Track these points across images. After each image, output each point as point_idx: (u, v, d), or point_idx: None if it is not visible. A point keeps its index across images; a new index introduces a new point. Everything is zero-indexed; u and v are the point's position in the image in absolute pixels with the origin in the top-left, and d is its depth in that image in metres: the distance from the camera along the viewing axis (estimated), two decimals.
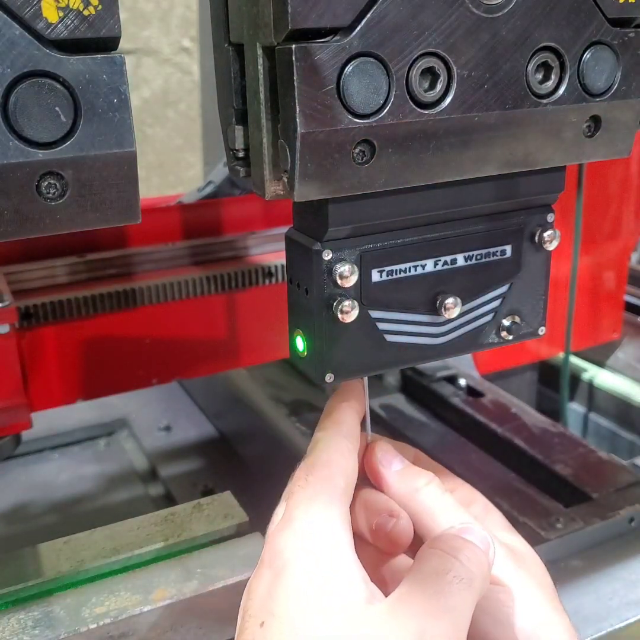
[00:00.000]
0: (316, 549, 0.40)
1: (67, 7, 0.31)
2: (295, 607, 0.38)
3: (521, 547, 0.50)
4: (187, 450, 1.04)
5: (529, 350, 1.05)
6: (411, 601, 0.38)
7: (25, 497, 0.95)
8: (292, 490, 0.44)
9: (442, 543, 0.42)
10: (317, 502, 0.42)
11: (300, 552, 0.40)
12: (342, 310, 0.43)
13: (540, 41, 0.40)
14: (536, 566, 0.48)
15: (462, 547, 0.41)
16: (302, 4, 0.34)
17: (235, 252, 0.87)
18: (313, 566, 0.40)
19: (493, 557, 0.43)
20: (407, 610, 0.38)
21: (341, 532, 0.41)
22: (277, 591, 0.39)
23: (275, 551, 0.41)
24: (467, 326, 0.49)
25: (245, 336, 0.85)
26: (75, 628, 0.51)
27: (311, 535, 0.41)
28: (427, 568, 0.40)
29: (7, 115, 0.32)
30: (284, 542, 0.41)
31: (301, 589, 0.39)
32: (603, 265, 1.05)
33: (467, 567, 0.40)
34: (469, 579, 0.40)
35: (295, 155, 0.37)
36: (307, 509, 0.42)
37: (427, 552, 0.42)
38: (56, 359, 0.75)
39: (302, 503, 0.42)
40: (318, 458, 0.45)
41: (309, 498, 0.42)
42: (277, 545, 0.41)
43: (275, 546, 0.41)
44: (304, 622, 0.38)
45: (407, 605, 0.38)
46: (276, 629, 0.38)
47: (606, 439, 1.10)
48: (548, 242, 0.49)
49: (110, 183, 0.35)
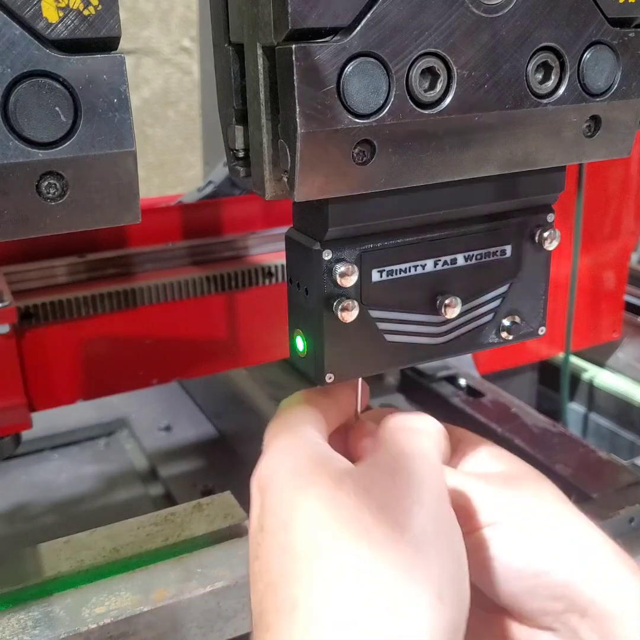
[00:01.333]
0: (292, 457, 0.42)
1: (67, 7, 0.31)
2: (282, 497, 0.40)
3: (514, 469, 0.48)
4: (187, 450, 1.04)
5: (529, 350, 1.05)
6: (380, 459, 0.41)
7: (25, 497, 0.95)
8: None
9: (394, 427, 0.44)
10: (289, 428, 0.44)
11: (279, 466, 0.41)
12: (342, 310, 0.43)
13: (540, 41, 0.40)
14: (533, 486, 0.46)
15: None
16: (302, 4, 0.34)
17: (235, 252, 0.87)
18: (292, 467, 0.41)
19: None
20: (378, 467, 0.40)
21: (313, 433, 0.43)
22: (267, 501, 0.41)
23: (258, 478, 0.42)
24: (467, 326, 0.49)
25: (245, 336, 0.85)
26: (75, 628, 0.51)
27: (286, 448, 0.42)
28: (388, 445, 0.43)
29: (7, 115, 0.32)
30: (263, 467, 0.42)
31: (287, 480, 0.40)
32: (603, 265, 1.05)
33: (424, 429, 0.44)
34: (427, 434, 0.44)
35: (295, 155, 0.37)
36: (278, 437, 0.43)
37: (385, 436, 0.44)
38: (56, 359, 0.75)
39: (275, 435, 0.44)
40: (296, 402, 0.47)
41: (280, 430, 0.44)
42: (259, 473, 0.42)
43: (258, 474, 0.42)
44: (294, 496, 0.39)
45: (377, 462, 0.41)
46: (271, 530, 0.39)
47: (606, 439, 1.10)
48: (548, 242, 0.49)
49: (110, 183, 0.35)
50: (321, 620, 0.34)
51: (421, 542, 0.36)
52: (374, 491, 0.38)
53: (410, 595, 0.34)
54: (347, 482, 0.39)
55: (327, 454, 0.42)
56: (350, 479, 0.39)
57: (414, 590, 0.35)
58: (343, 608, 0.34)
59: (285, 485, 0.40)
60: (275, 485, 0.41)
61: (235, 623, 0.56)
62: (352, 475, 0.40)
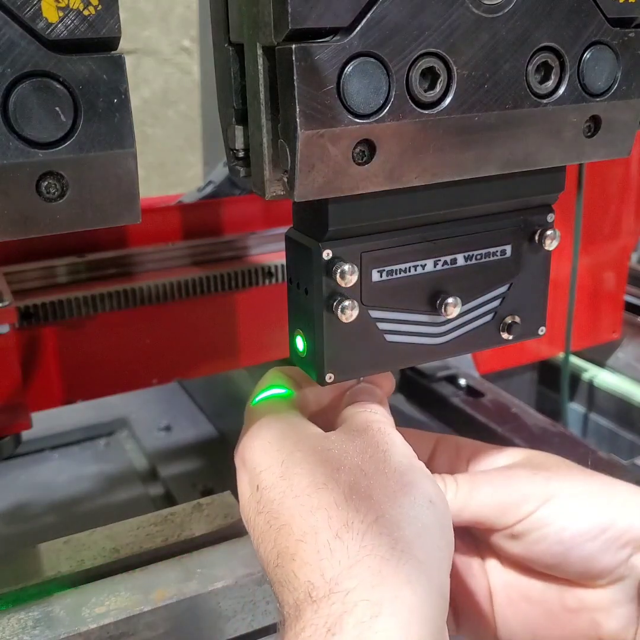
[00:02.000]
0: (273, 427, 0.46)
1: (67, 7, 0.31)
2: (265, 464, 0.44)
3: (520, 456, 0.52)
4: (187, 450, 1.04)
5: (529, 350, 1.05)
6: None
7: (25, 497, 0.95)
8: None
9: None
10: (267, 404, 0.49)
11: (261, 435, 0.46)
12: (342, 310, 0.43)
13: (540, 41, 0.40)
14: (552, 461, 0.51)
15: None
16: (302, 4, 0.34)
17: (235, 252, 0.87)
18: (275, 434, 0.46)
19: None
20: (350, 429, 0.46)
21: (291, 412, 0.48)
22: (255, 464, 0.45)
23: (241, 451, 0.47)
24: (467, 326, 0.49)
25: (245, 336, 0.85)
26: (75, 628, 0.51)
27: (266, 422, 0.47)
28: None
29: (7, 115, 0.32)
30: (245, 441, 0.47)
31: (273, 443, 0.45)
32: (603, 265, 1.05)
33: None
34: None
35: (295, 155, 0.37)
36: (256, 414, 0.48)
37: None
38: (56, 359, 0.75)
39: (253, 412, 0.49)
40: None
41: (258, 407, 0.49)
42: (241, 447, 0.47)
43: (240, 448, 0.47)
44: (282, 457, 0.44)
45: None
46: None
47: (606, 439, 1.10)
48: (548, 242, 0.49)
49: (110, 183, 0.35)
50: (342, 536, 0.38)
51: (401, 470, 0.42)
52: (355, 441, 0.44)
53: (402, 505, 0.40)
54: (331, 436, 0.45)
55: (305, 422, 0.47)
56: (334, 435, 0.45)
57: (403, 518, 0.40)
58: (357, 523, 0.39)
59: (273, 446, 0.45)
60: (262, 448, 0.45)
61: (235, 623, 0.56)
62: (334, 433, 0.46)
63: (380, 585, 0.36)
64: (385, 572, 0.36)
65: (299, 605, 0.37)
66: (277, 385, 0.51)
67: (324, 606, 0.36)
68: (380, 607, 0.35)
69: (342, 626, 0.35)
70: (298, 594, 0.38)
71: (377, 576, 0.36)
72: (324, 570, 0.37)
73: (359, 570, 0.37)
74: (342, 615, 0.35)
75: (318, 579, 0.37)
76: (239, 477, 0.46)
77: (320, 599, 0.36)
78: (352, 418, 0.47)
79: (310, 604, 0.37)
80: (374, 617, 0.35)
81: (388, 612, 0.35)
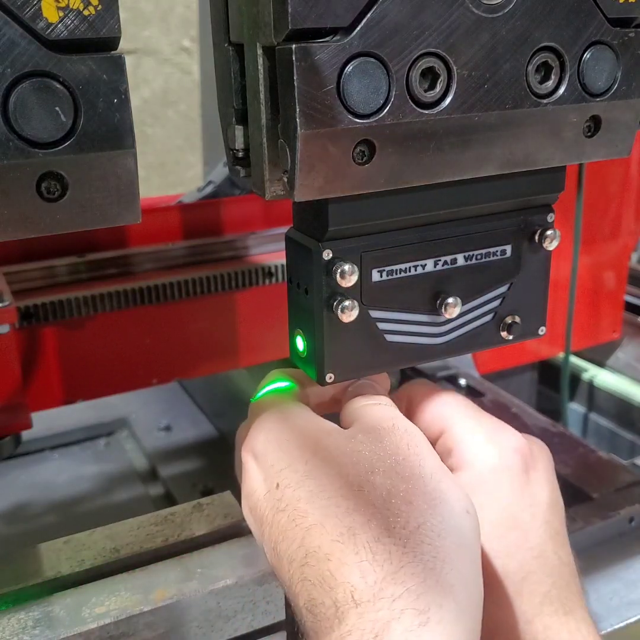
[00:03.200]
0: (284, 422, 0.45)
1: (67, 7, 0.31)
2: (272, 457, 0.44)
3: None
4: (187, 450, 1.04)
5: (529, 350, 1.05)
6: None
7: (25, 497, 0.95)
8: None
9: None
10: (273, 399, 0.49)
11: (273, 429, 0.45)
12: (342, 310, 0.43)
13: (540, 41, 0.40)
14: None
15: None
16: (302, 4, 0.34)
17: (235, 252, 0.87)
18: (288, 428, 0.45)
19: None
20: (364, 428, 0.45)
21: (295, 405, 0.47)
22: (271, 461, 0.44)
23: (252, 446, 0.45)
24: (467, 326, 0.49)
25: (245, 336, 0.85)
26: (75, 628, 0.51)
27: (275, 416, 0.46)
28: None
29: (7, 116, 0.32)
30: (254, 436, 0.46)
31: (290, 439, 0.44)
32: (603, 265, 1.05)
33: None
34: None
35: (295, 155, 0.37)
36: (263, 408, 0.47)
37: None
38: (56, 359, 0.75)
39: (260, 407, 0.48)
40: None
41: (264, 402, 0.48)
42: (252, 442, 0.46)
43: (250, 443, 0.46)
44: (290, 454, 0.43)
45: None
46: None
47: (606, 439, 1.10)
48: (548, 242, 0.49)
49: (110, 183, 0.35)
50: (383, 540, 0.38)
51: (437, 476, 0.41)
52: (384, 441, 0.43)
53: (442, 514, 0.40)
54: (357, 434, 0.44)
55: (317, 416, 0.46)
56: (360, 433, 0.44)
57: (445, 527, 0.39)
58: (399, 529, 0.38)
59: (291, 444, 0.43)
60: (278, 446, 0.44)
61: (235, 623, 0.56)
62: (359, 430, 0.44)
63: (425, 594, 0.36)
64: (429, 582, 0.36)
65: (340, 607, 0.37)
66: (280, 379, 0.51)
67: (369, 611, 0.36)
68: (427, 615, 0.35)
69: (389, 633, 0.35)
70: (336, 594, 0.37)
71: (422, 585, 0.36)
72: (364, 573, 0.37)
73: (404, 577, 0.36)
74: (390, 622, 0.35)
75: (359, 581, 0.37)
76: (249, 473, 0.45)
77: (365, 603, 0.36)
78: (366, 412, 0.46)
79: (354, 607, 0.36)
80: (422, 626, 0.35)
81: (435, 621, 0.35)
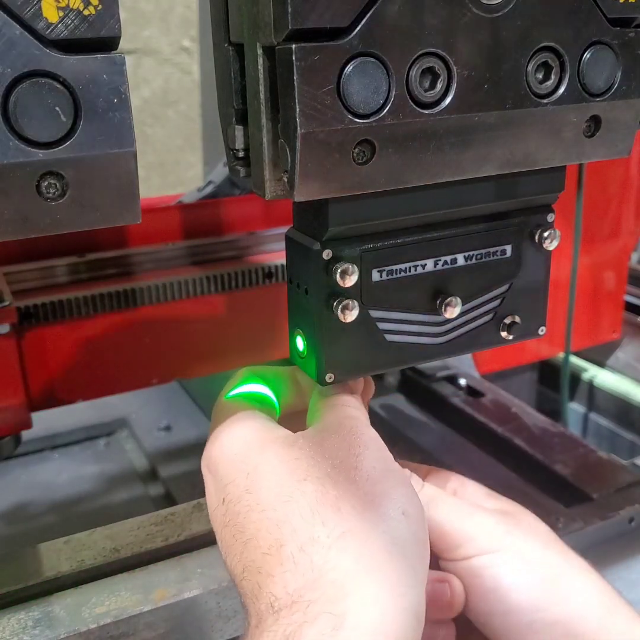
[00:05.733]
0: (239, 433, 0.45)
1: (67, 7, 0.31)
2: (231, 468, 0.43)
3: (509, 507, 0.50)
4: (187, 450, 1.04)
5: (529, 350, 1.05)
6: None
7: (25, 497, 0.95)
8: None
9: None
10: (233, 407, 0.47)
11: (227, 443, 0.45)
12: (342, 310, 0.43)
13: (541, 41, 0.40)
14: (530, 521, 0.49)
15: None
16: (302, 4, 0.34)
17: (235, 252, 0.87)
18: (241, 441, 0.44)
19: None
20: (323, 429, 0.44)
21: (256, 413, 0.46)
22: (221, 476, 0.43)
23: (207, 459, 0.45)
24: (467, 326, 0.49)
25: (245, 336, 0.85)
26: (75, 628, 0.51)
27: (231, 427, 0.45)
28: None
29: (7, 115, 0.32)
30: (210, 449, 0.45)
31: (239, 453, 0.43)
32: (603, 265, 1.05)
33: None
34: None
35: (295, 155, 0.37)
36: (222, 418, 0.46)
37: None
38: (56, 359, 0.75)
39: (219, 417, 0.47)
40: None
41: (224, 411, 0.47)
42: (207, 455, 0.45)
43: (206, 456, 0.45)
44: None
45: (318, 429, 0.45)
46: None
47: (606, 439, 1.10)
48: (548, 242, 0.49)
49: (110, 183, 0.35)
50: (307, 550, 0.37)
51: (373, 478, 0.40)
52: (325, 445, 0.42)
53: (371, 519, 0.39)
54: (299, 440, 0.43)
55: (272, 425, 0.45)
56: (302, 438, 0.43)
57: (372, 533, 0.38)
58: (323, 538, 0.38)
59: (238, 457, 0.43)
60: (227, 459, 0.44)
61: (235, 623, 0.56)
62: (302, 436, 0.44)
63: (343, 600, 0.35)
64: (348, 588, 0.36)
65: (261, 617, 0.37)
66: (249, 379, 0.51)
67: (284, 615, 0.35)
68: (342, 620, 0.34)
69: (301, 635, 0.34)
70: (260, 605, 0.37)
71: (341, 591, 0.36)
72: (286, 582, 0.37)
73: (324, 584, 0.36)
74: (303, 625, 0.35)
75: (280, 591, 0.37)
76: (206, 485, 0.45)
77: (282, 609, 0.36)
78: (324, 414, 0.46)
79: (272, 614, 0.36)
80: (335, 630, 0.34)
81: (350, 627, 0.34)
